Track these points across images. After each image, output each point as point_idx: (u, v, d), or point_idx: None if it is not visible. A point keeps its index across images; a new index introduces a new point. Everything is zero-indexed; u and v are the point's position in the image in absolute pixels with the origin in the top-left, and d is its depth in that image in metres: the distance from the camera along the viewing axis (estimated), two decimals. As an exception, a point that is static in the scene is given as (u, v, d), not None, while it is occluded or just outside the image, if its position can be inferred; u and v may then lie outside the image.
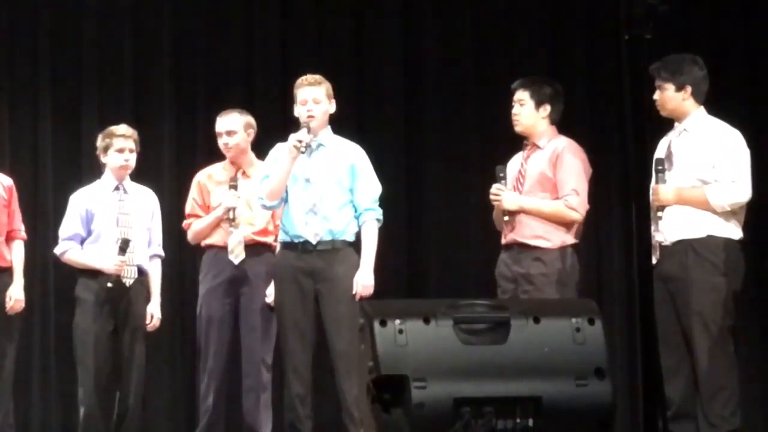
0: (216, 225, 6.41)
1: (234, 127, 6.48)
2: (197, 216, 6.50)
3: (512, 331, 3.73)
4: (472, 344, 3.70)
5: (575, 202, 5.88)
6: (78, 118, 7.61)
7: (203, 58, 7.79)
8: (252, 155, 6.54)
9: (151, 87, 7.75)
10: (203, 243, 6.49)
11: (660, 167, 5.64)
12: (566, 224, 5.89)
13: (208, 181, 6.53)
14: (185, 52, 7.78)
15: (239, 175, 6.47)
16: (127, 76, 7.69)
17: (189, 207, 6.55)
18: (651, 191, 5.48)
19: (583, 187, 5.93)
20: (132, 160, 6.49)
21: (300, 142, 5.80)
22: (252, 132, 6.53)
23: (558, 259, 5.85)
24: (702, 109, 5.77)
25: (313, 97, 5.94)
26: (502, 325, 3.74)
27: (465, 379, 3.66)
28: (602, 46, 7.64)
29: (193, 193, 6.56)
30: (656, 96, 5.71)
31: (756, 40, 7.72)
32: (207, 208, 6.47)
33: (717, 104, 7.61)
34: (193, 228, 6.50)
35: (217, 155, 6.73)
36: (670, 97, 5.72)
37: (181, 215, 6.71)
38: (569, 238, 5.90)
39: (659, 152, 5.73)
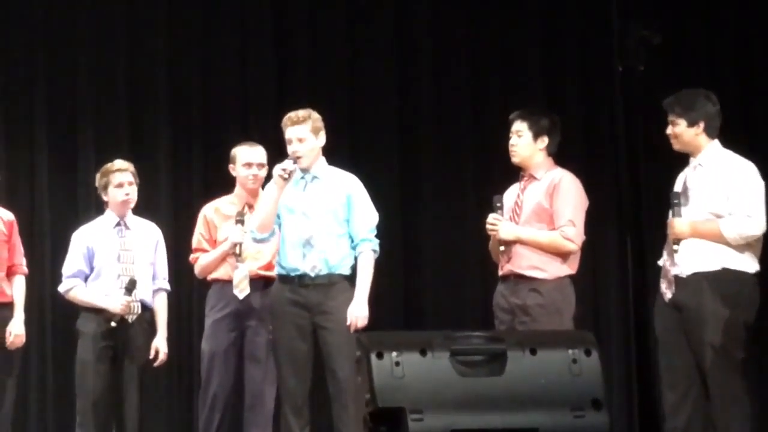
0: (222, 259, 6.38)
1: (265, 160, 6.44)
2: (204, 250, 6.44)
3: (509, 363, 3.73)
4: (468, 376, 3.70)
5: (571, 233, 5.89)
6: (74, 151, 7.62)
7: (198, 89, 7.80)
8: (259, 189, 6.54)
9: (146, 119, 7.76)
10: (209, 277, 6.45)
11: (676, 201, 5.69)
12: (562, 255, 5.90)
13: (215, 215, 6.47)
14: (180, 83, 7.80)
15: (246, 209, 6.45)
16: (122, 108, 7.71)
17: (196, 241, 6.49)
18: (668, 225, 5.67)
19: (580, 218, 5.94)
20: (133, 193, 6.48)
21: (284, 170, 5.79)
22: None
23: (555, 290, 5.85)
24: (716, 142, 5.78)
25: (297, 137, 5.87)
26: (498, 357, 3.73)
27: (462, 411, 3.65)
28: (595, 76, 7.66)
29: (200, 227, 6.50)
30: (669, 130, 5.76)
31: (750, 70, 7.75)
32: (214, 243, 6.43)
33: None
34: (200, 262, 6.45)
35: (214, 187, 6.73)
36: (682, 132, 5.76)
37: (175, 247, 6.69)
38: (566, 269, 5.90)
39: (677, 186, 5.77)
